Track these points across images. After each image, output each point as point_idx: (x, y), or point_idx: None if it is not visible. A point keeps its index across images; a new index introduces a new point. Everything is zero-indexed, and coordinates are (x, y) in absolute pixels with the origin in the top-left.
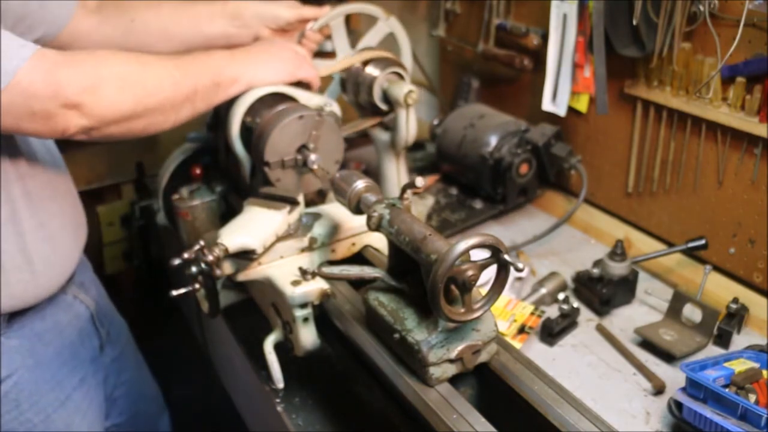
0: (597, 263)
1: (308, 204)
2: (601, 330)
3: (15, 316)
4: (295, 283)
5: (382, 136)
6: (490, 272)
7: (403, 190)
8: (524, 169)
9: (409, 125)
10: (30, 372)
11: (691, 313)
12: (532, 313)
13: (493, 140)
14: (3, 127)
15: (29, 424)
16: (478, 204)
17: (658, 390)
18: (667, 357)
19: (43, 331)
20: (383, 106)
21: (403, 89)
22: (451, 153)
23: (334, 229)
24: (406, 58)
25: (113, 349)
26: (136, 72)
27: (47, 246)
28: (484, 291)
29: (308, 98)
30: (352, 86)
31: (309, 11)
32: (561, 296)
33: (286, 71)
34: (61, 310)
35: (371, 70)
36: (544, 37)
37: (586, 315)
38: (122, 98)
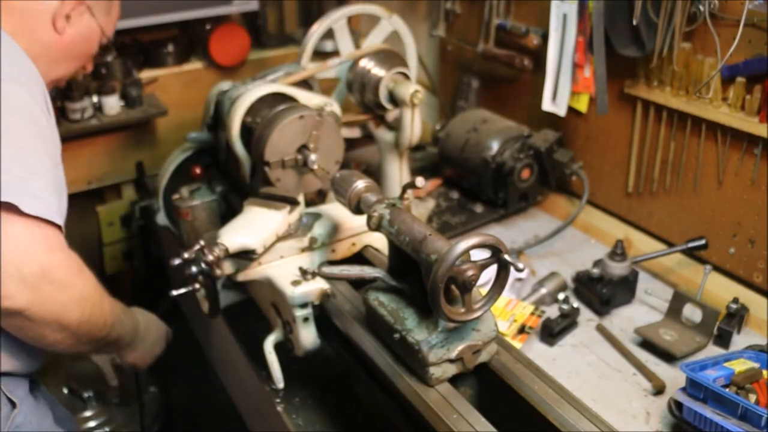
0: (597, 263)
1: (308, 204)
2: (601, 330)
3: None
4: (295, 283)
5: (386, 135)
6: (490, 272)
7: (404, 190)
8: (526, 174)
9: (414, 125)
10: (32, 402)
11: (691, 313)
12: (532, 313)
13: (496, 145)
14: None
15: None
16: (478, 208)
17: (658, 390)
18: (667, 357)
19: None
20: (389, 106)
21: (408, 89)
22: (454, 156)
23: (334, 229)
24: (411, 55)
25: None
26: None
27: None
28: (484, 291)
29: (308, 98)
30: (358, 87)
31: None
32: (561, 296)
33: None
34: None
35: (377, 71)
36: (544, 37)
37: (586, 315)
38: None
